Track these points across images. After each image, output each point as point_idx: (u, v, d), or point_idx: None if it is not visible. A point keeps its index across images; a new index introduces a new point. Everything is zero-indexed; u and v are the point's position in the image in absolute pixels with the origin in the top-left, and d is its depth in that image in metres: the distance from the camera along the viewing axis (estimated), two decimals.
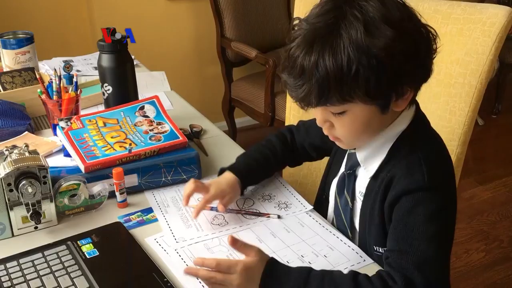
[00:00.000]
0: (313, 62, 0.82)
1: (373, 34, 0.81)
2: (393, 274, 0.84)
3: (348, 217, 1.05)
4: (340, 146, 0.99)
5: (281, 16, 3.02)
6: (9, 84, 1.52)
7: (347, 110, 0.88)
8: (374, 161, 0.97)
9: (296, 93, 0.87)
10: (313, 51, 0.83)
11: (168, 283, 0.89)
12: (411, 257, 0.85)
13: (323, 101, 0.86)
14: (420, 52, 0.87)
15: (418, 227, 0.86)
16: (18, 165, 0.99)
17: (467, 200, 2.68)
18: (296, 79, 0.86)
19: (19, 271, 0.92)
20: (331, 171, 1.13)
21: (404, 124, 0.94)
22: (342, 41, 0.81)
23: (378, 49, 0.81)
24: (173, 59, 3.05)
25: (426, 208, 0.87)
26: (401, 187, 0.90)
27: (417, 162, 0.90)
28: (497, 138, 3.38)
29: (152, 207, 1.13)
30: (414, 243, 0.86)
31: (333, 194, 1.09)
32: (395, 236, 0.89)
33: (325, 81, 0.82)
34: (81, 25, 2.85)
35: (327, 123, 0.93)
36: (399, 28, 0.82)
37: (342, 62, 0.81)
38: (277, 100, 2.62)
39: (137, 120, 1.28)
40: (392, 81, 0.85)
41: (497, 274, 2.20)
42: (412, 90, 0.90)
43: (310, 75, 0.83)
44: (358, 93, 0.84)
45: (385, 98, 0.87)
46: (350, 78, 0.82)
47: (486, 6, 1.20)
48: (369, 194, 0.98)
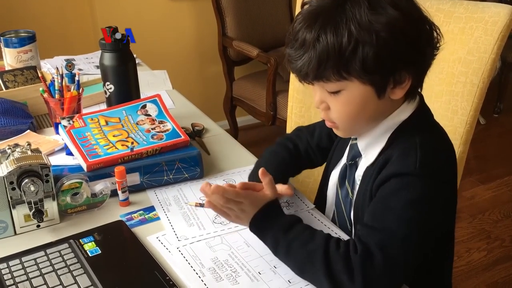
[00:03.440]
0: (314, 34, 0.85)
1: (377, 11, 0.84)
2: (357, 245, 0.86)
3: (348, 208, 1.05)
4: (337, 133, 1.00)
5: (283, 15, 3.02)
6: (11, 82, 1.53)
7: (343, 89, 0.89)
8: (373, 149, 0.97)
9: (295, 65, 0.90)
10: (315, 25, 0.86)
11: (170, 281, 0.89)
12: (379, 235, 0.85)
13: (320, 73, 0.87)
14: (421, 38, 0.88)
15: (396, 210, 0.87)
16: (21, 163, 0.99)
17: (468, 199, 2.68)
18: (297, 50, 0.89)
19: (21, 269, 0.92)
20: (331, 163, 1.13)
21: (406, 115, 0.94)
22: (346, 18, 0.84)
23: (380, 24, 0.83)
24: (175, 58, 3.05)
25: (411, 193, 0.87)
26: (392, 169, 0.90)
27: (413, 147, 0.90)
28: (499, 137, 3.38)
29: (154, 205, 1.13)
30: (387, 223, 0.86)
31: (334, 186, 1.10)
32: (373, 212, 0.90)
33: (323, 53, 0.85)
34: (83, 24, 2.85)
35: (323, 104, 0.94)
36: (402, 10, 0.85)
37: (343, 36, 0.84)
38: (278, 99, 2.62)
39: (139, 119, 1.28)
40: (389, 60, 0.86)
41: (499, 273, 2.20)
42: (409, 79, 0.90)
43: (310, 46, 0.86)
44: (355, 67, 0.85)
45: (382, 79, 0.88)
46: (349, 51, 0.84)
47: (488, 4, 1.20)
48: (364, 178, 0.99)
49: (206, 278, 0.92)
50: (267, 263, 0.95)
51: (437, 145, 0.94)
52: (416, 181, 0.87)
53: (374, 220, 0.88)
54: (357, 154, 1.01)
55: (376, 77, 0.87)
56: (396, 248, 0.84)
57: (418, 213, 0.87)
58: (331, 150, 1.16)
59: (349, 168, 1.04)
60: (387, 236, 0.85)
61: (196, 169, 1.21)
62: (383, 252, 0.83)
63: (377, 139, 0.97)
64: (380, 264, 0.83)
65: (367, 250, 0.84)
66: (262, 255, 0.97)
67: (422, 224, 0.87)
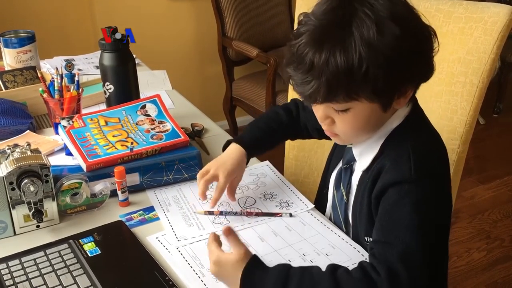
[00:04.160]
0: (324, 59, 0.82)
1: (383, 32, 0.81)
2: (377, 266, 0.83)
3: (343, 211, 1.05)
4: (337, 142, 1.00)
5: (283, 15, 3.02)
6: (11, 83, 1.53)
7: (351, 107, 0.88)
8: (367, 156, 0.97)
9: (303, 89, 0.87)
10: (324, 48, 0.82)
11: (170, 281, 0.89)
12: (395, 249, 0.84)
13: (330, 98, 0.86)
14: (424, 49, 0.88)
15: (404, 218, 0.86)
16: (20, 163, 0.99)
17: (468, 199, 2.68)
18: (304, 74, 0.85)
19: (21, 269, 0.92)
20: (331, 165, 1.14)
21: (399, 120, 0.94)
22: (354, 39, 0.81)
23: (388, 47, 0.81)
24: (174, 58, 3.05)
25: (412, 199, 0.86)
26: (388, 179, 0.89)
27: (405, 153, 0.89)
28: (498, 137, 3.38)
29: (154, 205, 1.13)
30: (399, 235, 0.85)
31: (332, 188, 1.10)
32: (381, 227, 0.88)
33: (334, 79, 0.82)
34: (82, 24, 2.85)
35: (328, 119, 0.93)
36: (405, 26, 0.83)
37: (353, 60, 0.81)
38: (278, 99, 2.62)
39: (139, 119, 1.28)
40: (399, 79, 0.86)
41: (498, 273, 2.20)
42: (412, 88, 0.91)
43: (320, 72, 0.83)
44: (365, 91, 0.84)
45: (390, 97, 0.88)
46: (360, 76, 0.81)
47: (487, 5, 1.20)
48: (360, 186, 0.99)
49: (206, 278, 0.92)
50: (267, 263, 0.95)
51: (429, 146, 0.94)
52: (415, 186, 0.87)
53: (385, 235, 0.86)
54: (352, 159, 1.01)
55: (385, 96, 0.87)
56: (416, 258, 0.83)
57: (426, 216, 0.86)
58: (330, 151, 1.17)
59: (344, 172, 1.04)
60: (404, 249, 0.83)
61: (196, 169, 1.21)
62: (405, 266, 0.82)
63: (371, 146, 0.96)
64: (406, 279, 0.81)
65: (389, 269, 0.82)
66: (262, 255, 0.97)
67: (432, 224, 0.87)
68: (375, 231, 0.90)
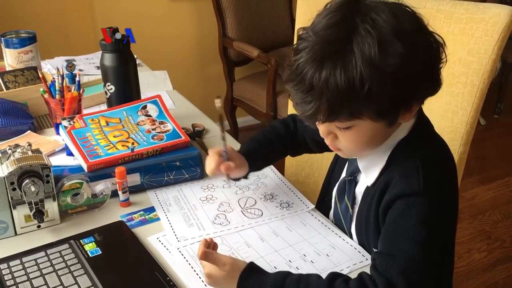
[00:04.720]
0: (324, 79, 0.78)
1: (387, 51, 0.77)
2: (376, 278, 0.82)
3: (348, 223, 1.04)
4: (341, 155, 0.97)
5: (283, 15, 3.02)
6: (12, 83, 1.53)
7: (354, 125, 0.85)
8: (374, 169, 0.95)
9: (303, 109, 0.83)
10: (323, 67, 0.78)
11: (170, 281, 0.89)
12: (397, 261, 0.82)
13: (332, 118, 0.83)
14: (431, 67, 0.85)
15: (409, 231, 0.84)
16: (21, 164, 0.99)
17: (469, 200, 2.68)
18: (304, 94, 0.82)
19: (22, 269, 0.93)
20: (334, 176, 1.12)
21: (405, 132, 0.92)
22: (355, 57, 0.77)
23: (391, 66, 0.77)
24: (175, 59, 3.05)
25: (419, 212, 0.84)
26: (396, 191, 0.88)
27: (414, 167, 0.87)
28: (499, 138, 3.38)
29: (155, 206, 1.13)
30: (403, 247, 0.83)
31: (334, 197, 1.09)
32: (386, 238, 0.87)
33: (335, 99, 0.79)
34: (83, 25, 2.85)
35: (331, 135, 0.90)
36: (411, 42, 0.79)
37: (355, 80, 0.77)
38: (279, 100, 2.62)
39: (140, 119, 1.28)
40: (403, 99, 0.83)
41: (499, 274, 2.20)
42: (419, 103, 0.88)
43: (320, 92, 0.79)
44: (368, 110, 0.81)
45: (395, 115, 0.85)
46: (362, 96, 0.78)
47: (488, 5, 1.20)
48: (365, 198, 0.97)
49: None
50: (268, 263, 0.95)
51: (438, 158, 0.92)
52: (423, 199, 0.85)
53: (389, 247, 0.85)
54: (356, 170, 0.99)
55: (389, 115, 0.84)
56: (418, 272, 0.82)
57: (432, 230, 0.84)
58: (332, 161, 1.15)
59: (348, 184, 1.02)
60: (405, 261, 0.82)
61: (197, 170, 1.21)
62: (405, 280, 0.81)
63: (377, 159, 0.94)
64: None
65: (388, 282, 0.81)
66: (263, 256, 0.97)
67: (437, 240, 0.85)
68: (380, 242, 0.88)
